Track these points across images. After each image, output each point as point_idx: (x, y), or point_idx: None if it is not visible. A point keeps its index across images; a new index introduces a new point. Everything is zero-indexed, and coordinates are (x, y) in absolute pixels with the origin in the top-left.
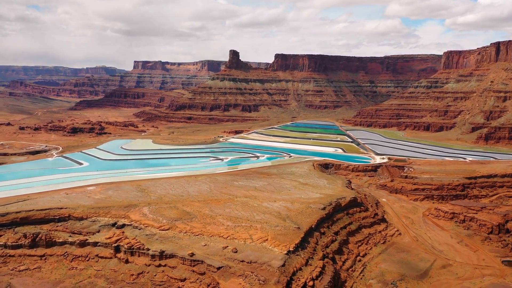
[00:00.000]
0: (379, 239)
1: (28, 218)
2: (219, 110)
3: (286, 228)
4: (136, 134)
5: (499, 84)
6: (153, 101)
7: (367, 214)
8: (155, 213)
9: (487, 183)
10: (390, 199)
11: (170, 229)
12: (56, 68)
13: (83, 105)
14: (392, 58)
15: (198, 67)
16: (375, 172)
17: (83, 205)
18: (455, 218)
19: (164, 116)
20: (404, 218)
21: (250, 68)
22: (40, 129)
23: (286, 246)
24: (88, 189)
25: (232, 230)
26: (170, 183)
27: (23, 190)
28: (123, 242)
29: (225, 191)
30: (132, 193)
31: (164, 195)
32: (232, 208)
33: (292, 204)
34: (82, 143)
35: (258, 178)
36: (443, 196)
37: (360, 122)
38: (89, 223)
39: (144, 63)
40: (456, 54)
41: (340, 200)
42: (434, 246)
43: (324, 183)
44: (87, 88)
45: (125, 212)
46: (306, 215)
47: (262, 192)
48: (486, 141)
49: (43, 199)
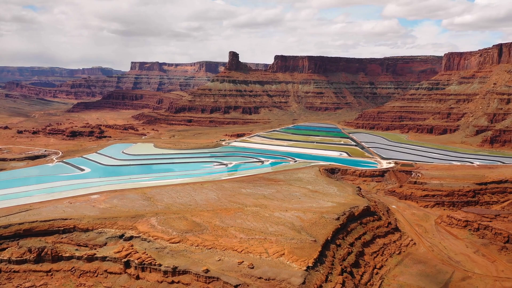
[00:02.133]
0: (394, 249)
1: (32, 229)
2: (219, 113)
3: (302, 241)
4: (136, 138)
5: (502, 86)
6: (151, 103)
7: (381, 223)
8: (163, 224)
9: (498, 189)
10: (400, 206)
11: (181, 242)
12: (52, 69)
13: (80, 107)
14: (392, 59)
15: (196, 68)
16: (382, 177)
17: (88, 216)
18: (468, 226)
19: (164, 119)
20: (417, 226)
21: (250, 70)
22: (38, 133)
23: (304, 261)
24: (92, 197)
25: (246, 243)
26: (176, 191)
27: (24, 199)
28: (133, 256)
29: (233, 199)
30: (138, 202)
31: (171, 204)
32: (243, 218)
33: (305, 214)
34: (82, 147)
35: (265, 185)
36: (454, 202)
37: (362, 125)
38: (95, 234)
39: (141, 64)
40: (457, 55)
41: (353, 209)
42: (451, 256)
43: (334, 191)
44: (84, 89)
45: (132, 223)
46: (321, 226)
47: (272, 201)
48: (491, 145)
49: (46, 209)
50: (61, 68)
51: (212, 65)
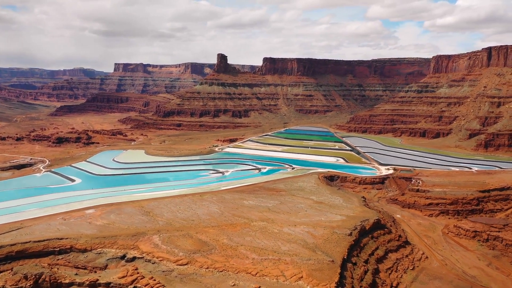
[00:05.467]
0: (408, 264)
1: (25, 251)
2: (209, 116)
3: (319, 262)
4: (125, 144)
5: (492, 90)
6: (137, 105)
7: (392, 237)
8: (168, 243)
9: (501, 196)
10: (405, 215)
11: (189, 264)
12: (31, 70)
13: (64, 110)
14: (380, 61)
15: (181, 70)
16: (382, 184)
17: (85, 234)
18: (477, 237)
19: (153, 123)
20: (425, 237)
21: (238, 72)
22: (22, 139)
23: (326, 285)
24: (87, 212)
25: (260, 264)
26: (175, 204)
27: (14, 215)
28: (140, 282)
29: (237, 213)
30: (137, 218)
31: (172, 219)
32: (252, 235)
33: (315, 229)
34: (69, 154)
35: (268, 196)
36: (459, 211)
37: (354, 128)
38: (94, 255)
39: (125, 65)
40: (445, 58)
41: (364, 222)
42: (465, 270)
43: (340, 201)
44: (66, 91)
45: (134, 242)
46: (334, 243)
47: (278, 214)
48: (486, 149)
49: (38, 227)
50: (41, 69)
51: (198, 67)
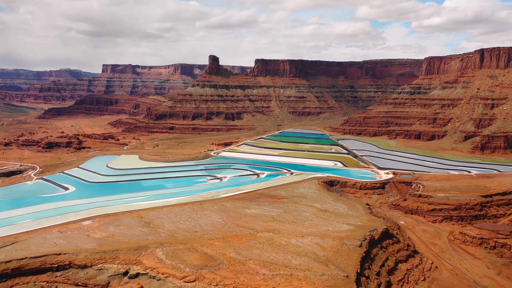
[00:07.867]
0: (418, 275)
1: (21, 268)
2: (201, 119)
3: (333, 277)
4: (118, 148)
5: (486, 91)
6: (127, 108)
7: (400, 246)
8: (172, 258)
9: (503, 201)
10: (409, 222)
11: (197, 281)
12: (16, 71)
13: (52, 113)
14: (371, 62)
15: (171, 71)
16: (383, 189)
17: (84, 249)
18: (484, 244)
19: (145, 126)
20: (432, 245)
21: (230, 74)
22: (11, 144)
23: None
24: (84, 224)
25: (272, 281)
26: (176, 213)
27: (7, 228)
28: None
29: (241, 223)
30: (137, 229)
31: (174, 231)
32: (259, 248)
33: (324, 240)
34: (60, 160)
35: (270, 204)
36: (462, 217)
37: (349, 131)
38: (95, 272)
39: (114, 66)
40: (437, 60)
41: (372, 232)
42: (476, 280)
43: (345, 209)
44: (53, 93)
45: (136, 256)
46: (345, 255)
47: (284, 224)
48: (482, 151)
49: (34, 241)
50: (27, 70)
51: (187, 68)
